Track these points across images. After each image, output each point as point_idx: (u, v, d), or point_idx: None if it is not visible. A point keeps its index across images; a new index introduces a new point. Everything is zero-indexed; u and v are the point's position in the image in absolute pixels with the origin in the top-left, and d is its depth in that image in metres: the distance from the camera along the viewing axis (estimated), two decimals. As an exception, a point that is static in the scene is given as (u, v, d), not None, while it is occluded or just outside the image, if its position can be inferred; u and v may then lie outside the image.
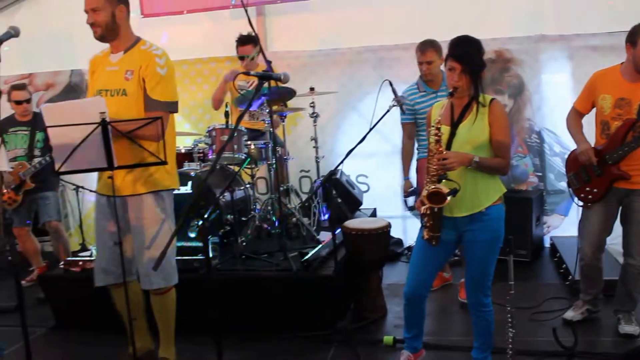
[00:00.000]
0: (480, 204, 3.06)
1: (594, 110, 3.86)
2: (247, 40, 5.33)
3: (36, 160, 5.26)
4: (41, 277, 4.89)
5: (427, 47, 4.39)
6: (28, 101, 5.38)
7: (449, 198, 2.93)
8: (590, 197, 3.84)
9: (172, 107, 3.42)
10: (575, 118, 3.95)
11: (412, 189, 4.69)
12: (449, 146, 3.05)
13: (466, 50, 3.03)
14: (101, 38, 3.39)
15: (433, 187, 2.96)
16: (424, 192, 3.00)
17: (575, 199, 3.98)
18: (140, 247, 3.45)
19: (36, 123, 5.35)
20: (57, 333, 4.61)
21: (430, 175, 3.02)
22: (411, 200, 4.85)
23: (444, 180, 2.99)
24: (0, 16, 6.66)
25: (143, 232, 3.42)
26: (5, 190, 5.23)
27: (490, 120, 3.03)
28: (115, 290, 3.59)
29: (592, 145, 3.81)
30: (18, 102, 5.33)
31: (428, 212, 3.04)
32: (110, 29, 3.35)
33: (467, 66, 3.00)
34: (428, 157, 3.07)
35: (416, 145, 4.64)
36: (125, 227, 3.44)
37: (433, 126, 3.02)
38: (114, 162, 3.02)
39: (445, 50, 3.33)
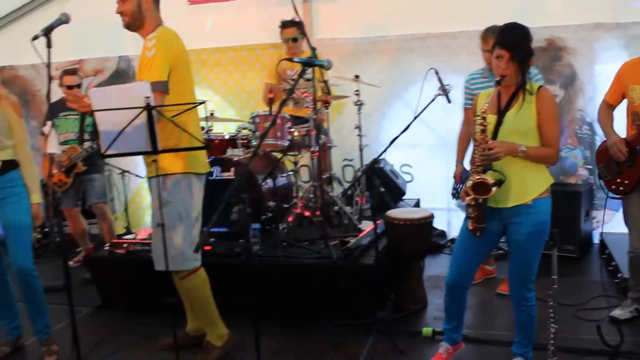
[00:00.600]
0: (527, 195, 2.99)
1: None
2: (291, 24, 5.36)
3: (87, 144, 5.37)
4: (87, 258, 5.00)
5: (489, 34, 4.21)
6: (79, 86, 5.48)
7: (494, 189, 2.88)
8: (621, 188, 3.76)
9: (158, 86, 3.28)
10: (605, 110, 3.89)
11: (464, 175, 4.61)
12: (495, 135, 2.99)
13: (514, 38, 2.96)
14: (128, 27, 3.46)
15: (478, 177, 2.92)
16: (469, 183, 2.95)
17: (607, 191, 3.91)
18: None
19: (86, 107, 5.46)
20: (103, 312, 4.72)
21: (475, 165, 2.97)
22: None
23: (489, 171, 2.94)
24: (53, 4, 6.82)
25: (155, 214, 3.47)
26: (55, 172, 5.37)
27: (537, 108, 2.96)
28: None
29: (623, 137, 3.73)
30: (69, 87, 5.44)
31: (473, 202, 2.98)
32: (136, 18, 3.42)
33: (515, 54, 2.93)
34: (474, 146, 3.01)
35: None
36: None
37: (478, 115, 2.96)
38: (158, 146, 3.05)
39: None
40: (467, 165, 4.58)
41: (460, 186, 4.53)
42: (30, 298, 3.88)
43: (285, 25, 5.43)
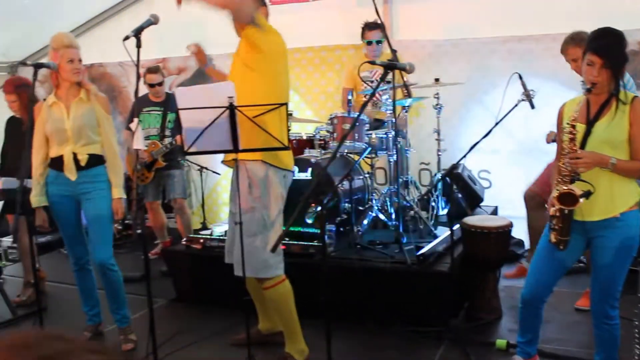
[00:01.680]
0: (615, 208, 2.87)
1: None
2: (375, 26, 5.31)
3: (167, 140, 5.53)
4: (165, 251, 5.14)
5: (566, 44, 4.10)
6: (160, 84, 5.64)
7: (581, 200, 2.77)
8: None
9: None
10: None
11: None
12: (583, 145, 2.87)
13: (607, 43, 2.83)
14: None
15: (565, 187, 2.81)
16: (555, 193, 2.85)
17: None
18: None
19: (168, 104, 5.61)
20: (177, 305, 4.84)
21: (562, 175, 2.86)
22: None
23: (576, 181, 2.83)
24: (139, 5, 7.05)
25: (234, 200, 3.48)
26: (138, 167, 5.55)
27: (631, 119, 2.82)
28: None
29: None
30: (151, 85, 5.61)
31: (558, 214, 2.88)
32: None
33: (608, 60, 2.79)
34: (560, 155, 2.91)
35: None
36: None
37: (568, 123, 2.85)
38: (239, 145, 3.10)
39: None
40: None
41: None
42: (110, 290, 4.05)
43: (370, 27, 5.38)
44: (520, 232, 5.70)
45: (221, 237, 4.65)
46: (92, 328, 4.22)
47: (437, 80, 5.03)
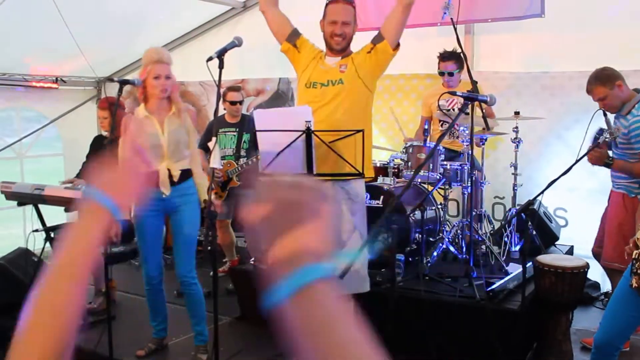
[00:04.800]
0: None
1: None
2: (449, 57, 5.26)
3: (242, 160, 5.62)
4: (233, 270, 5.20)
5: (590, 84, 4.19)
6: (241, 102, 5.75)
7: (668, 245, 2.63)
8: None
9: None
10: None
11: None
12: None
13: None
14: (342, 49, 3.66)
15: (650, 230, 2.68)
16: (639, 234, 2.71)
17: None
18: None
19: (243, 125, 5.70)
20: (241, 324, 4.88)
21: (647, 218, 2.74)
22: None
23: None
24: (224, 26, 7.26)
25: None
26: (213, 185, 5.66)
27: None
28: None
29: None
30: (232, 103, 5.71)
31: (641, 258, 2.74)
32: (349, 42, 3.68)
33: None
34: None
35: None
36: None
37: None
38: (313, 169, 3.12)
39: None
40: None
41: None
42: (190, 305, 4.16)
43: (443, 57, 5.33)
44: (596, 274, 5.48)
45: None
46: (156, 341, 4.31)
47: (517, 113, 4.92)
